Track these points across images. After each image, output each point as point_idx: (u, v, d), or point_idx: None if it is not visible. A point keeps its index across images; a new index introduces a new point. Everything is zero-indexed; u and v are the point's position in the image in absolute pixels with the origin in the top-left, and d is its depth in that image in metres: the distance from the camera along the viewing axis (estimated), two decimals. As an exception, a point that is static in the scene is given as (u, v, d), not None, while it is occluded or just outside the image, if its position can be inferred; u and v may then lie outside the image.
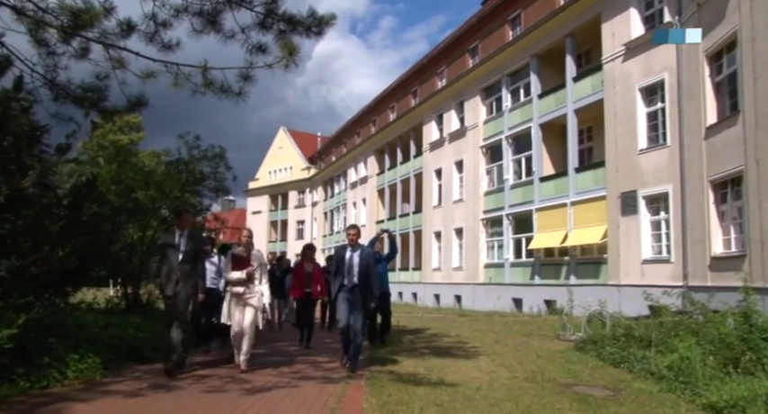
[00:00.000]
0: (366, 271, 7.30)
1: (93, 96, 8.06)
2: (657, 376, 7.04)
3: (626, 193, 17.15)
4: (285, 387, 6.21)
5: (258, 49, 6.89)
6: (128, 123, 20.84)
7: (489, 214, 24.48)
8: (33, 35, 7.56)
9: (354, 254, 7.39)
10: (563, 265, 20.16)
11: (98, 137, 17.48)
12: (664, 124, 16.18)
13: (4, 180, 6.09)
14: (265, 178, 57.04)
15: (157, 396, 5.64)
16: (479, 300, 23.87)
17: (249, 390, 6.00)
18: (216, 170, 13.41)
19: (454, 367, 7.77)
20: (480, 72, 25.21)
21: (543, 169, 21.52)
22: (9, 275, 5.67)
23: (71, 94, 8.02)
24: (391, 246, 12.17)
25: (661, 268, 15.77)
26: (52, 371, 5.93)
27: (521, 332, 12.65)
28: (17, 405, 5.12)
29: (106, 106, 8.19)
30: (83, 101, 8.01)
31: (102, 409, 5.04)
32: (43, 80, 8.03)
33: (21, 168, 6.28)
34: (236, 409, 5.17)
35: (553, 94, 21.04)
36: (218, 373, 7.00)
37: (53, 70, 8.04)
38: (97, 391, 5.76)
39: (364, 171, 39.28)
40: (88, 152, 18.41)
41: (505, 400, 5.76)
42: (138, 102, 7.44)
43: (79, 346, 6.48)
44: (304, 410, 5.15)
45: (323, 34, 6.82)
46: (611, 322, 10.33)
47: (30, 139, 6.94)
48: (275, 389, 6.09)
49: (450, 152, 27.85)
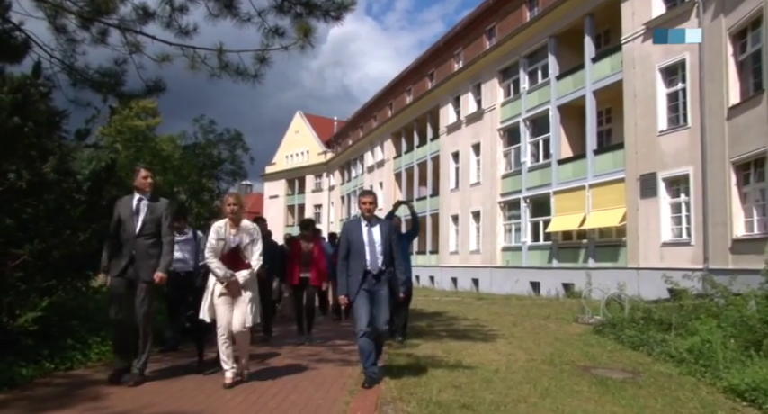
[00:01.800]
0: (390, 250, 5.72)
1: (111, 81, 8.10)
2: (677, 359, 6.99)
3: (645, 175, 16.94)
4: (304, 369, 6.27)
5: (275, 32, 6.86)
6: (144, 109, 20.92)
7: (507, 197, 24.35)
8: (52, 21, 7.61)
9: (373, 229, 5.70)
10: (581, 248, 20.04)
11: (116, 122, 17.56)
12: (684, 105, 15.92)
13: (26, 165, 6.16)
14: (282, 163, 57.21)
15: (177, 378, 5.72)
16: (497, 283, 23.85)
17: (269, 371, 6.06)
18: (233, 153, 13.46)
19: (472, 350, 7.78)
20: (497, 54, 24.93)
21: (561, 152, 21.32)
22: (32, 259, 5.76)
23: (89, 80, 8.07)
24: (413, 220, 9.28)
25: (681, 251, 15.61)
26: (75, 353, 6.04)
27: (538, 315, 12.62)
28: (42, 386, 5.22)
29: (124, 91, 8.23)
30: (101, 86, 8.06)
31: (125, 390, 5.13)
32: (62, 66, 8.09)
33: (41, 154, 6.34)
34: (255, 390, 5.23)
35: (571, 75, 20.77)
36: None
37: (71, 56, 8.10)
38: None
39: (381, 155, 39.21)
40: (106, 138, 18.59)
41: (523, 383, 5.76)
42: (156, 86, 7.48)
43: (101, 329, 6.59)
44: (323, 392, 5.19)
45: (341, 19, 6.76)
46: (630, 305, 10.26)
47: (49, 124, 6.99)
48: (294, 371, 6.15)
49: (467, 135, 27.67)
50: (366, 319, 5.45)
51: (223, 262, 5.32)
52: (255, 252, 5.49)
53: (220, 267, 5.30)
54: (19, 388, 5.08)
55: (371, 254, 5.61)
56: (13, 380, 5.15)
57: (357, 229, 5.71)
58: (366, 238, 5.64)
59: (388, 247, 5.67)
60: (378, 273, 5.58)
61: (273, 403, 4.78)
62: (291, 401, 4.85)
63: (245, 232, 5.48)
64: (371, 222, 5.74)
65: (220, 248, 5.35)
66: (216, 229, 5.42)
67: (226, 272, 5.31)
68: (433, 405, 4.75)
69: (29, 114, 6.15)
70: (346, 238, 5.75)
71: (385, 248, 5.64)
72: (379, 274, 5.58)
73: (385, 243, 5.66)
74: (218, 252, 5.34)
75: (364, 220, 5.73)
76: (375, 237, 5.66)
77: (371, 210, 5.76)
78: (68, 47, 7.57)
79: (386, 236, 5.68)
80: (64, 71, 8.12)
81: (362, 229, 5.67)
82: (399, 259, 5.81)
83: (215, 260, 5.31)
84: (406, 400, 4.90)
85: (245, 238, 5.47)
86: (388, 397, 5.00)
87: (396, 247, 5.76)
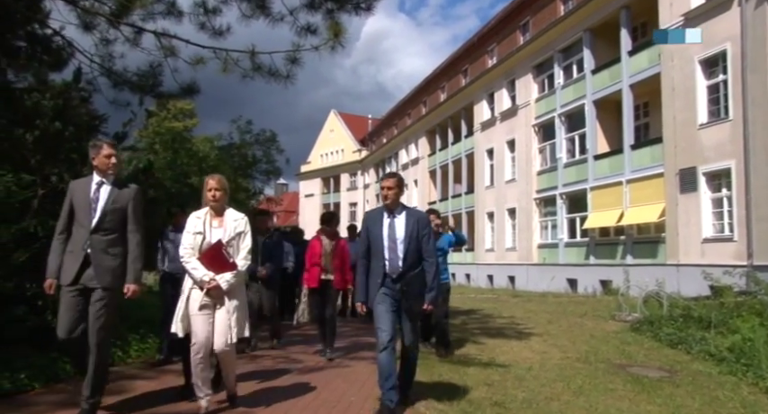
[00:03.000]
0: (417, 245, 4.59)
1: (149, 82, 8.32)
2: (717, 358, 6.84)
3: (685, 169, 16.53)
4: (337, 366, 6.34)
5: (306, 29, 6.94)
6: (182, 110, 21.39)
7: (542, 194, 24.06)
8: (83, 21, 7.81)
9: (396, 221, 4.63)
10: (619, 244, 19.69)
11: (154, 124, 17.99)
12: (726, 97, 15.46)
13: (67, 168, 6.38)
14: (317, 161, 57.65)
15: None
16: (533, 280, 23.61)
17: (301, 369, 6.15)
18: (268, 153, 13.64)
19: (506, 347, 7.74)
20: (532, 49, 24.63)
21: (597, 147, 20.96)
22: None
23: (128, 81, 8.31)
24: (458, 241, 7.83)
25: (723, 247, 15.20)
26: (116, 350, 6.22)
27: (575, 313, 12.47)
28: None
29: (161, 91, 8.45)
30: (139, 87, 8.28)
31: (164, 385, 5.27)
32: (101, 69, 8.35)
33: (82, 157, 6.55)
34: (289, 387, 5.31)
35: (607, 69, 20.38)
36: (270, 354, 7.19)
37: (109, 60, 8.35)
38: (157, 370, 6.02)
39: (415, 152, 39.16)
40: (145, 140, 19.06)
41: (557, 380, 5.72)
42: (190, 89, 7.64)
43: (140, 327, 6.78)
44: (355, 389, 5.25)
45: (372, 10, 6.79)
46: (669, 302, 10.06)
47: (90, 128, 7.23)
48: (327, 368, 6.23)
49: (501, 131, 27.44)
50: (389, 331, 4.41)
51: (203, 262, 4.31)
52: (243, 249, 4.47)
53: (198, 268, 4.30)
54: (63, 382, 5.27)
55: (391, 251, 4.55)
56: (57, 375, 5.35)
57: (378, 220, 4.67)
58: (386, 232, 4.59)
59: (413, 244, 4.57)
60: (397, 276, 4.52)
61: (306, 400, 4.86)
62: (323, 399, 4.92)
63: (229, 224, 4.44)
64: (395, 212, 4.67)
65: (198, 244, 4.35)
66: (192, 221, 4.43)
67: (205, 274, 4.28)
68: (464, 402, 4.77)
69: (69, 119, 6.36)
70: (366, 230, 4.74)
71: (409, 246, 4.55)
72: (399, 277, 4.52)
73: (409, 239, 4.55)
74: (195, 249, 4.35)
75: (386, 210, 4.70)
76: (397, 230, 4.59)
77: (393, 197, 4.64)
78: (106, 50, 7.80)
79: (411, 230, 4.58)
80: (103, 74, 8.39)
81: (383, 221, 4.64)
82: (430, 258, 4.65)
83: (191, 259, 4.32)
84: (439, 397, 4.92)
85: (229, 232, 4.41)
86: (420, 395, 5.02)
87: (427, 246, 4.63)
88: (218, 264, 4.31)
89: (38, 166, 6.35)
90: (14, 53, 7.36)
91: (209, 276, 4.28)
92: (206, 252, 4.33)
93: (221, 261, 4.31)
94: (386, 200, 4.68)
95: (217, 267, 4.30)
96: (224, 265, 4.32)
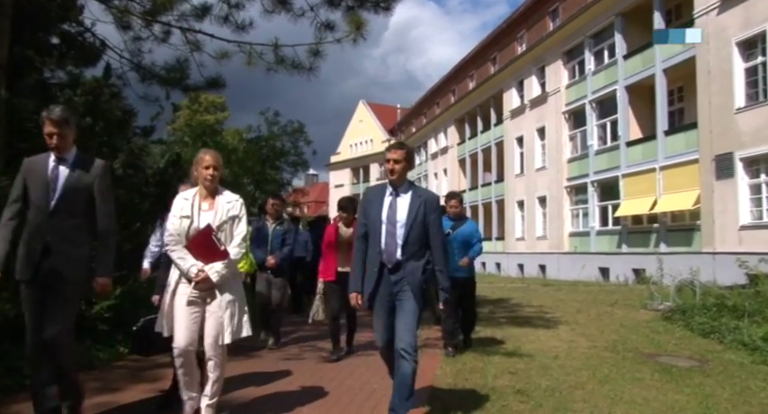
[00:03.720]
0: (422, 231, 3.84)
1: (177, 76, 8.49)
2: (750, 347, 6.68)
3: (721, 155, 16.12)
4: (361, 355, 6.39)
5: (326, 26, 7.02)
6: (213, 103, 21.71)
7: (573, 181, 23.75)
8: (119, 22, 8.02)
9: (399, 200, 3.91)
10: (652, 232, 19.34)
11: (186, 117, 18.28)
12: (764, 80, 15.01)
13: (98, 162, 6.54)
14: (347, 152, 57.85)
15: (238, 362, 5.96)
16: (564, 269, 23.37)
17: (326, 358, 6.22)
18: (295, 145, 13.75)
19: (532, 336, 7.71)
20: (561, 35, 24.24)
21: (630, 133, 20.57)
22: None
23: (156, 75, 8.49)
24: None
25: (762, 234, 14.80)
26: (98, 352, 6.25)
27: (605, 302, 12.31)
28: (118, 369, 5.59)
29: (189, 84, 8.61)
30: (167, 81, 8.46)
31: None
32: (130, 65, 8.54)
33: (112, 151, 6.73)
34: (314, 374, 5.40)
35: (640, 53, 19.94)
36: (297, 343, 7.29)
37: (138, 55, 8.54)
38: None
39: (444, 141, 39.00)
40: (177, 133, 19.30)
41: (582, 369, 5.68)
42: (216, 82, 7.76)
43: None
44: (378, 378, 5.28)
45: (391, 10, 6.83)
46: (702, 291, 9.86)
47: (120, 123, 7.40)
48: (351, 357, 6.29)
49: (531, 119, 27.13)
50: (385, 333, 3.88)
51: (190, 250, 3.77)
52: (237, 236, 3.89)
53: (185, 258, 3.74)
54: (97, 369, 5.45)
55: (389, 236, 3.81)
56: (91, 363, 5.54)
57: (378, 198, 3.95)
58: (385, 213, 3.85)
59: (416, 230, 3.81)
60: (394, 266, 3.82)
61: (330, 388, 4.93)
62: (347, 386, 4.99)
63: (222, 207, 3.87)
64: (399, 190, 3.93)
65: (185, 230, 3.79)
66: (179, 203, 3.87)
67: (192, 265, 3.72)
68: (487, 390, 4.77)
69: (100, 114, 6.52)
70: (364, 210, 4.04)
71: (411, 231, 3.80)
72: (397, 268, 3.82)
73: (412, 223, 3.80)
74: (182, 235, 3.79)
75: (390, 187, 3.96)
76: (399, 212, 3.84)
77: (400, 171, 3.90)
78: (135, 46, 7.97)
79: (416, 212, 3.83)
80: (133, 69, 8.59)
81: (384, 200, 3.91)
82: (440, 253, 3.90)
83: (177, 247, 3.77)
84: (461, 385, 4.94)
85: (220, 216, 3.84)
86: (443, 382, 5.06)
87: (437, 234, 3.90)
88: (207, 252, 3.74)
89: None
90: (48, 51, 7.56)
91: (197, 267, 3.72)
92: (193, 239, 3.76)
93: (211, 249, 3.75)
94: (391, 174, 3.90)
95: (206, 256, 3.74)
96: (214, 253, 3.75)
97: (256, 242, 6.83)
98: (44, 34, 7.68)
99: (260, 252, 6.85)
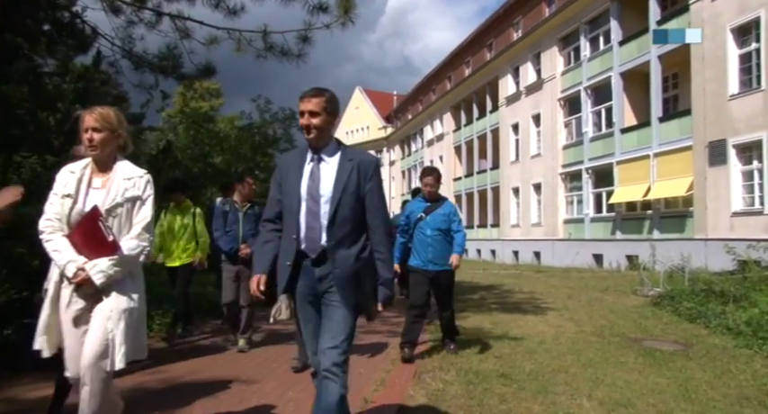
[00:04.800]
0: (355, 207, 2.91)
1: (169, 64, 8.47)
2: (735, 332, 6.79)
3: (714, 142, 16.17)
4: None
5: (318, 8, 6.99)
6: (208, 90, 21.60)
7: (568, 168, 23.81)
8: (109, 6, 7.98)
9: (322, 165, 2.95)
10: (646, 219, 19.45)
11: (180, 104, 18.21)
12: (758, 66, 15.02)
13: (88, 149, 6.56)
14: (343, 139, 56.35)
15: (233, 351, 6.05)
16: (558, 256, 23.50)
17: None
18: (288, 132, 13.78)
19: (521, 322, 7.80)
20: (557, 21, 24.16)
21: (624, 120, 20.59)
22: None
23: (149, 63, 8.48)
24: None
25: (753, 221, 14.91)
26: None
27: (596, 288, 12.43)
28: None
29: (183, 73, 8.60)
30: (159, 69, 8.44)
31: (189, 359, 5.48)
32: (122, 52, 8.53)
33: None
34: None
35: (635, 40, 19.90)
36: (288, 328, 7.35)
37: (130, 42, 8.52)
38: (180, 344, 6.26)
39: (440, 128, 38.97)
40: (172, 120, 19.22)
41: (567, 353, 5.77)
42: (207, 69, 7.76)
43: (163, 302, 7.01)
44: (364, 361, 5.38)
45: None
46: (690, 276, 9.97)
47: (111, 110, 7.39)
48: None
49: (527, 106, 27.11)
50: (311, 344, 2.94)
51: (72, 240, 2.81)
52: (137, 224, 2.92)
53: (61, 251, 2.78)
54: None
55: (310, 216, 2.84)
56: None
57: (295, 166, 2.95)
58: (305, 185, 2.87)
59: (348, 205, 2.85)
60: (318, 257, 2.84)
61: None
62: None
63: (118, 185, 2.90)
64: (321, 153, 2.94)
65: (66, 213, 2.83)
66: (63, 176, 2.92)
67: (69, 261, 2.75)
68: (471, 374, 4.85)
69: (90, 101, 6.53)
70: (277, 184, 3.01)
71: (339, 207, 2.83)
72: (321, 258, 2.84)
73: (340, 196, 2.84)
74: (63, 220, 2.83)
75: (310, 150, 2.96)
76: (323, 183, 2.87)
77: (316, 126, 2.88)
78: (126, 33, 7.95)
79: (345, 181, 2.87)
80: (125, 57, 8.57)
81: (303, 169, 2.92)
82: (381, 234, 2.95)
83: (54, 237, 2.81)
84: (446, 369, 5.03)
85: (113, 196, 2.88)
86: (428, 366, 5.14)
87: (376, 209, 2.94)
88: (92, 244, 2.79)
89: (61, 148, 6.56)
90: (36, 38, 7.55)
91: (75, 264, 2.75)
92: (76, 226, 2.82)
93: (98, 240, 2.79)
94: (307, 133, 2.85)
95: (91, 250, 2.79)
96: (101, 246, 2.78)
97: (222, 229, 5.98)
98: (33, 21, 7.66)
99: (227, 240, 5.94)
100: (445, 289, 5.76)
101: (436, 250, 5.58)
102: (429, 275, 5.60)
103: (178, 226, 6.42)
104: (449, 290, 5.80)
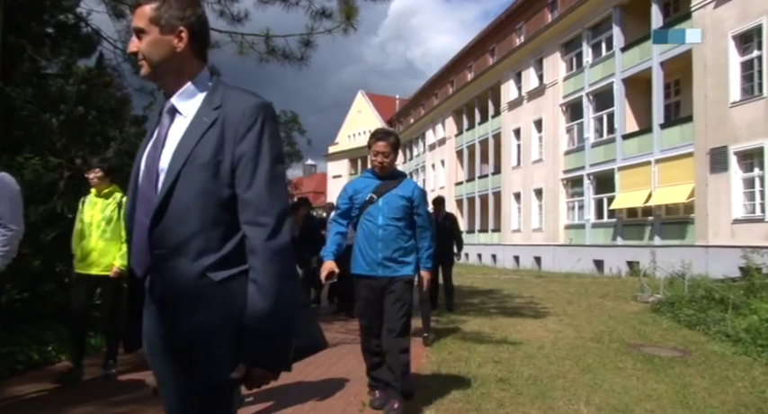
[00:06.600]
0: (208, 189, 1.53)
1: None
2: (734, 339, 6.79)
3: (716, 149, 16.19)
4: (351, 343, 6.47)
5: (321, 14, 7.04)
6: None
7: (569, 174, 23.83)
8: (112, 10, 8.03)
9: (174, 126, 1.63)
10: (647, 225, 19.46)
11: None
12: (760, 74, 15.05)
13: (91, 151, 6.63)
14: (345, 142, 57.83)
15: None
16: (559, 261, 23.50)
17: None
18: (289, 135, 13.77)
19: (520, 327, 7.81)
20: (560, 27, 24.22)
21: (626, 126, 20.63)
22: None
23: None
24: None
25: (754, 228, 14.92)
26: None
27: (596, 293, 12.43)
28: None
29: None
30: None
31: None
32: (124, 56, 8.57)
33: (105, 140, 6.79)
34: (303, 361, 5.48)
35: (637, 46, 19.95)
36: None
37: (133, 45, 8.57)
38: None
39: (442, 132, 39.02)
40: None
41: (566, 359, 5.78)
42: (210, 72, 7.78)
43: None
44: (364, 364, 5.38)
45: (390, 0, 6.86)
46: (690, 283, 9.98)
47: (113, 112, 7.45)
48: (342, 344, 6.37)
49: (528, 111, 27.16)
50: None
51: None
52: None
53: None
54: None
55: (141, 208, 1.61)
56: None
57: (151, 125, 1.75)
58: (145, 156, 1.66)
59: (193, 184, 1.54)
60: (143, 276, 1.62)
61: (317, 374, 5.02)
62: (334, 372, 5.08)
63: None
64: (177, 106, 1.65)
65: None
66: None
67: None
68: (469, 378, 4.86)
69: (92, 103, 6.58)
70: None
71: (171, 192, 1.54)
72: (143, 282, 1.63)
73: (179, 169, 1.54)
74: None
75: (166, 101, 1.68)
76: (166, 148, 1.61)
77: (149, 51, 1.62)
78: (129, 37, 7.98)
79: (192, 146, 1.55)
80: (127, 60, 8.61)
81: (153, 132, 1.69)
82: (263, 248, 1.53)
83: None
84: (445, 372, 5.04)
85: None
86: (427, 370, 5.15)
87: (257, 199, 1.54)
88: None
89: (63, 150, 6.61)
90: (40, 41, 7.60)
91: None
92: None
93: None
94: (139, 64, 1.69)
95: None
96: None
97: None
98: (38, 24, 7.72)
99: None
100: (396, 301, 3.84)
101: (388, 248, 3.86)
102: (380, 284, 3.89)
103: None
104: (402, 303, 3.85)
